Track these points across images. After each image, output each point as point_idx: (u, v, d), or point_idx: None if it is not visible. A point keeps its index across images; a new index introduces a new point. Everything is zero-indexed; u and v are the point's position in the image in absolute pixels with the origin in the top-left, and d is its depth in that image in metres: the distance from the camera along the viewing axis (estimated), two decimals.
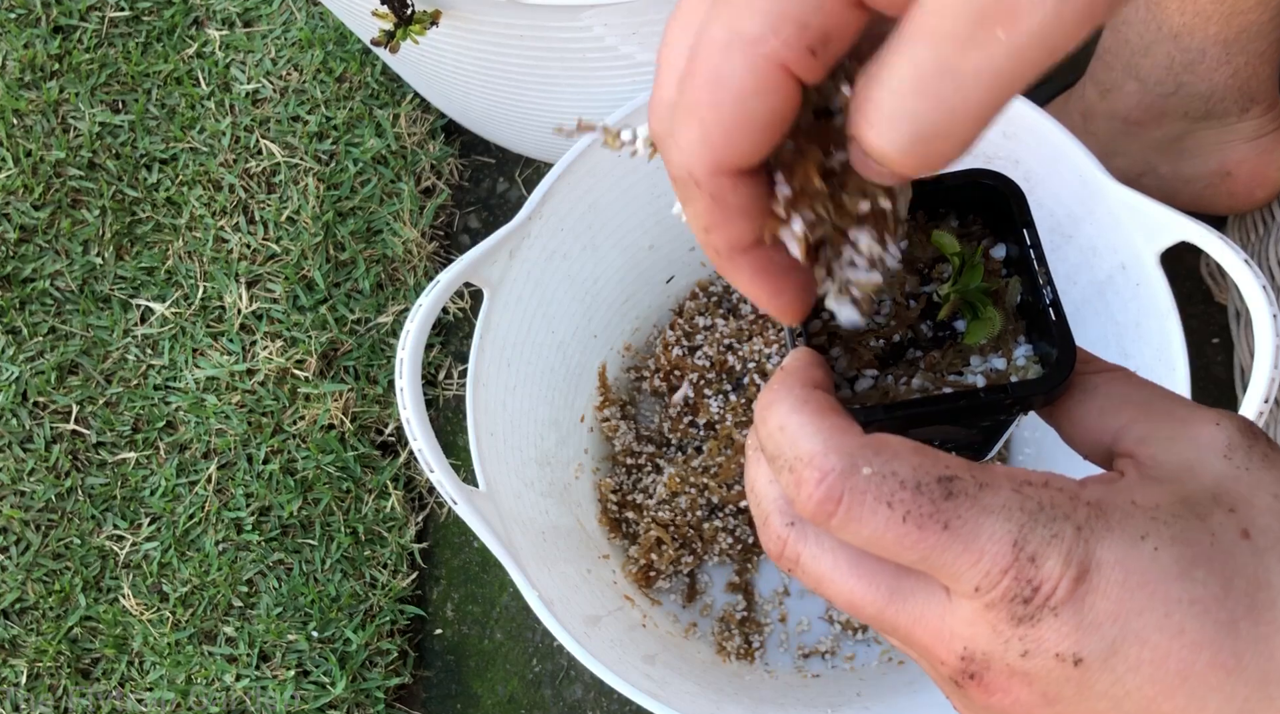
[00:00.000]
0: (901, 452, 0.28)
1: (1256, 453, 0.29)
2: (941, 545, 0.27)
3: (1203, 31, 0.80)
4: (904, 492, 0.27)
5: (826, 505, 0.27)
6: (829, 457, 0.28)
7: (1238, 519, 0.28)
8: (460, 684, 1.00)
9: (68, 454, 1.05)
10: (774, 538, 0.30)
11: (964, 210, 0.36)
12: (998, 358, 0.34)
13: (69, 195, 1.13)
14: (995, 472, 0.28)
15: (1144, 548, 0.27)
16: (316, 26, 1.15)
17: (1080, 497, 0.28)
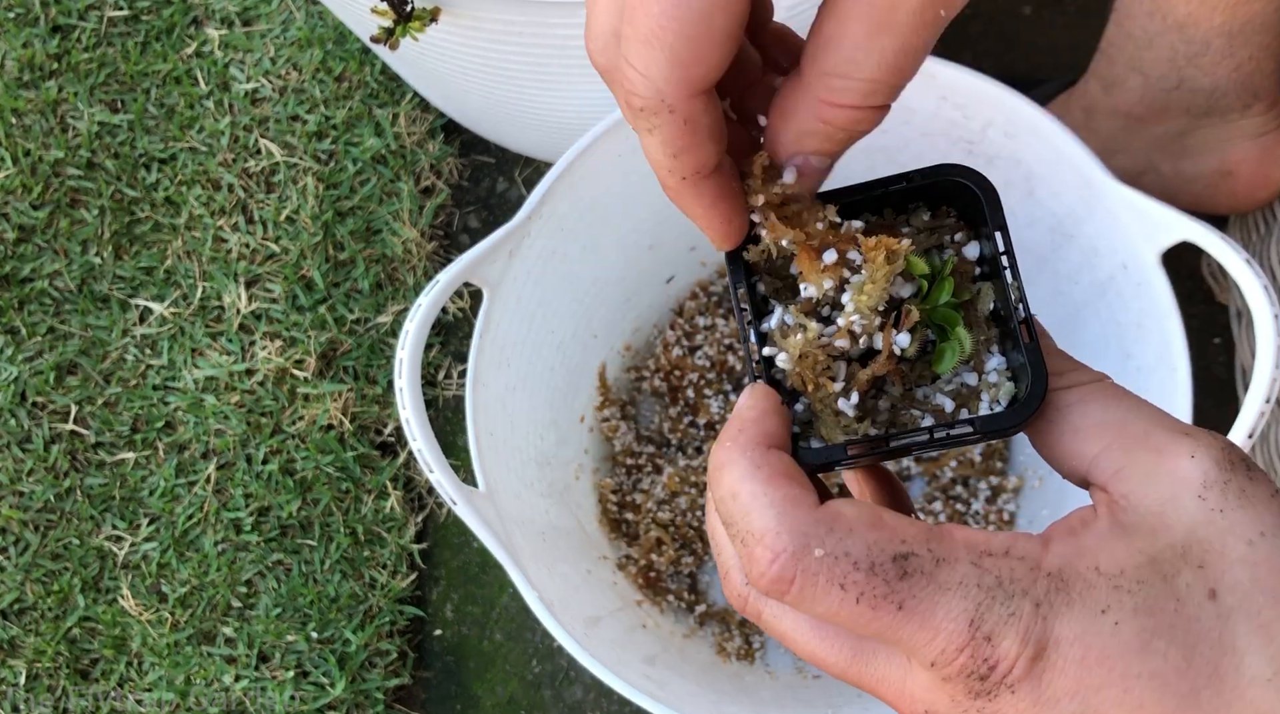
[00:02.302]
0: (856, 528, 0.27)
1: (1232, 490, 0.28)
2: (896, 624, 0.27)
3: (1208, 22, 0.80)
4: (857, 574, 0.27)
5: (779, 585, 0.27)
6: (780, 536, 0.27)
7: (1205, 577, 0.27)
8: (460, 685, 1.00)
9: (66, 454, 1.05)
10: (735, 595, 0.30)
11: (936, 202, 0.34)
12: (968, 372, 0.33)
13: (68, 195, 1.13)
14: (955, 541, 0.27)
15: (1104, 622, 0.26)
16: (315, 26, 1.14)
17: (1041, 566, 0.27)
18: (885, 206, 0.34)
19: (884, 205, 0.34)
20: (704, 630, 0.92)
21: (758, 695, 0.86)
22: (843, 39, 0.28)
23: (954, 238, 0.34)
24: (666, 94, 0.28)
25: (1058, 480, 0.90)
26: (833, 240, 0.32)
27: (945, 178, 0.33)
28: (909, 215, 0.34)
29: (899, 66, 0.28)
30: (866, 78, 0.28)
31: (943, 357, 0.33)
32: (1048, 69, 1.09)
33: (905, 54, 0.28)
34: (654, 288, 0.97)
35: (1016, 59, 1.11)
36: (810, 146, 0.30)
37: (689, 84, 0.28)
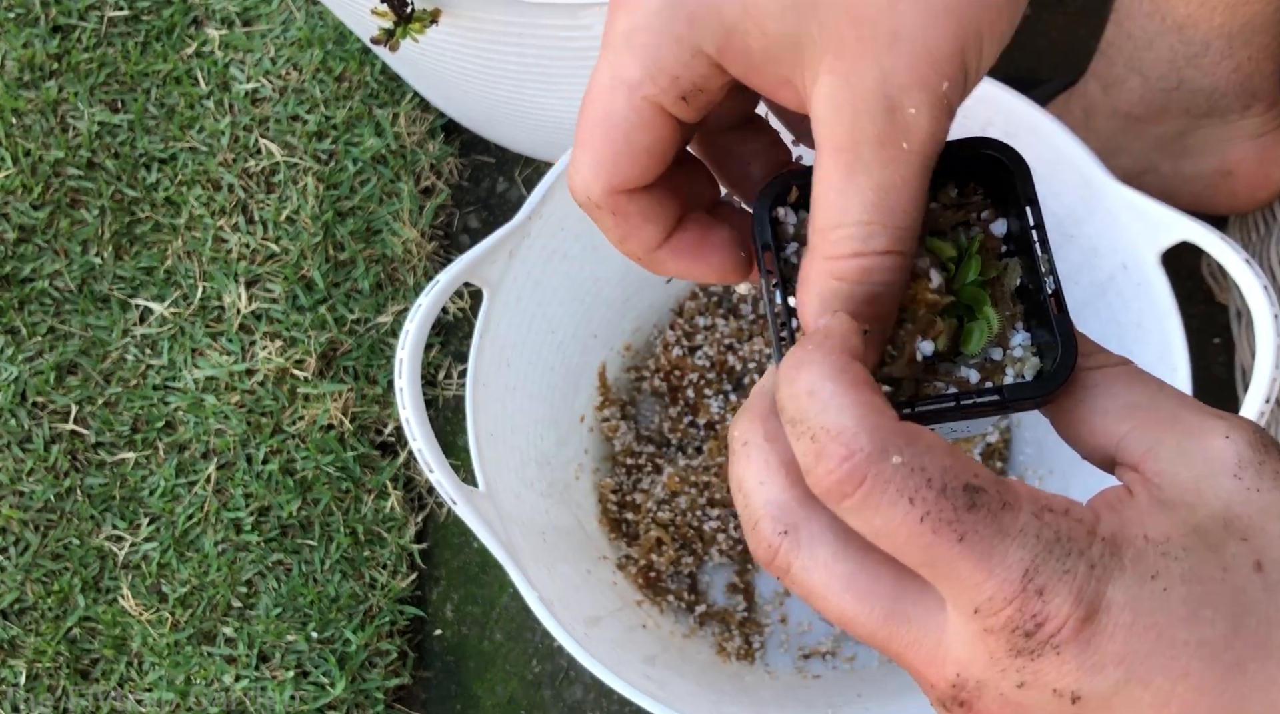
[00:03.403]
0: (935, 448, 0.27)
1: (1268, 471, 0.28)
2: (951, 556, 0.26)
3: (1207, 23, 0.80)
4: (929, 491, 0.26)
5: (846, 485, 0.26)
6: (860, 435, 0.26)
7: (1250, 549, 0.27)
8: (460, 685, 1.00)
9: (66, 454, 1.05)
10: (764, 545, 0.29)
11: (964, 178, 0.34)
12: (993, 347, 0.33)
13: (68, 195, 1.13)
14: (1019, 492, 0.27)
15: (1154, 587, 0.26)
16: (316, 26, 1.14)
17: (1097, 530, 0.27)
18: None
19: None
20: (704, 630, 0.92)
21: (758, 695, 0.86)
22: (827, 190, 0.29)
23: (980, 215, 0.34)
24: (590, 192, 0.32)
25: (1059, 480, 0.90)
26: None
27: (974, 151, 0.33)
28: (937, 191, 0.34)
29: (884, 204, 0.29)
30: (856, 220, 0.29)
31: (970, 336, 0.33)
32: (1048, 69, 1.09)
33: (885, 190, 0.29)
34: (654, 288, 0.97)
35: (1016, 59, 1.11)
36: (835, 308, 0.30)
37: (609, 185, 0.32)
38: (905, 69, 0.28)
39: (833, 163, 0.29)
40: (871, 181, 0.29)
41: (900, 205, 0.29)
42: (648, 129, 0.30)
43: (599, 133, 0.31)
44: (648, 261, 0.34)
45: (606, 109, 0.31)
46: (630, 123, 0.30)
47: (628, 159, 0.31)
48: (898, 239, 0.29)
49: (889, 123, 0.28)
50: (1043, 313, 0.32)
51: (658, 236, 0.33)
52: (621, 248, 0.33)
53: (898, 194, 0.29)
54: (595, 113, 0.31)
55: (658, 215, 0.33)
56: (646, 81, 0.30)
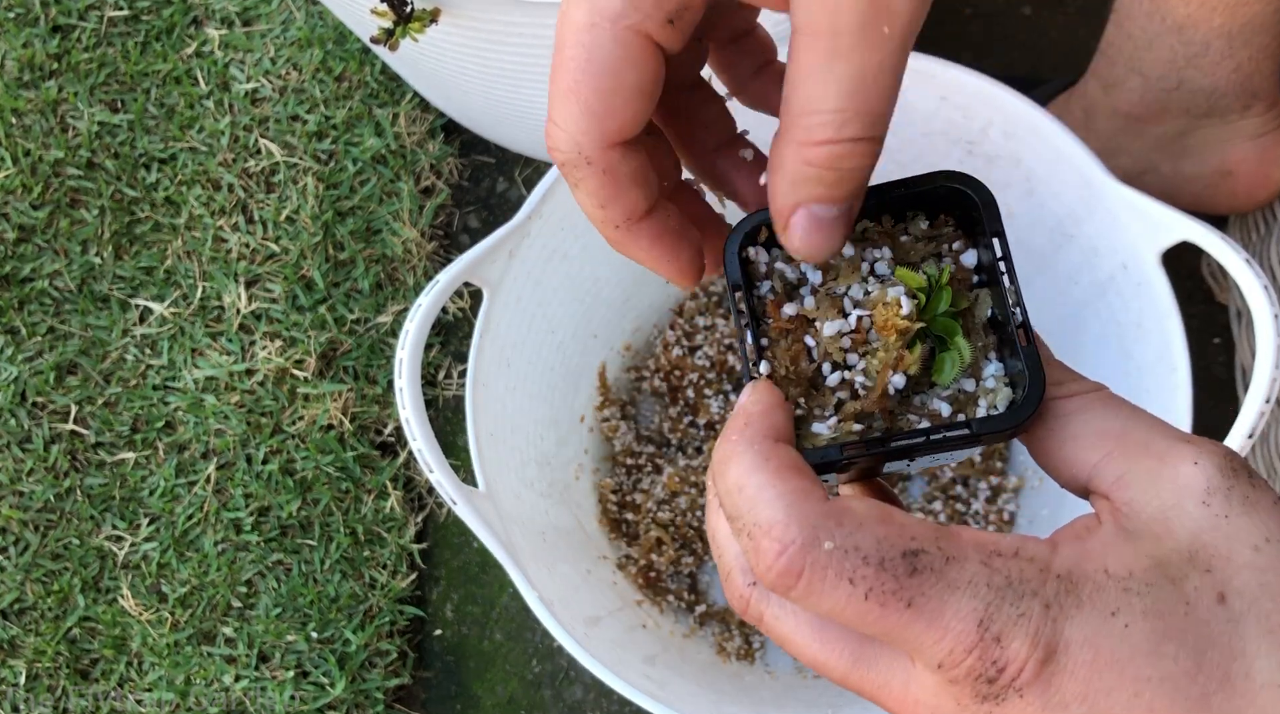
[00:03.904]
0: (866, 522, 0.27)
1: (1236, 496, 0.28)
2: (904, 623, 0.26)
3: (1207, 24, 0.80)
4: (866, 568, 0.26)
5: (786, 579, 0.27)
6: (789, 528, 0.27)
7: (1214, 580, 0.27)
8: (460, 685, 1.00)
9: (66, 454, 1.05)
10: (736, 596, 0.30)
11: (934, 210, 0.34)
12: (966, 379, 0.33)
13: (68, 195, 1.13)
14: (963, 542, 0.27)
15: (1115, 625, 0.26)
16: (315, 26, 1.14)
17: (1051, 568, 0.27)
18: (884, 213, 0.34)
19: (882, 212, 0.34)
20: (704, 630, 0.92)
21: (758, 695, 0.86)
22: (804, 76, 0.28)
23: (952, 246, 0.34)
24: (583, 146, 0.30)
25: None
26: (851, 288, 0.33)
27: (942, 184, 0.33)
28: (907, 223, 0.34)
29: (861, 90, 0.28)
30: (832, 108, 0.28)
31: (943, 367, 0.33)
32: (1048, 69, 1.09)
33: (863, 76, 0.28)
34: (654, 288, 0.97)
35: (1016, 59, 1.11)
36: (806, 193, 0.30)
37: (604, 136, 0.29)
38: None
39: (810, 48, 0.28)
40: (850, 68, 0.28)
41: (876, 91, 0.28)
42: (637, 64, 0.29)
43: (585, 78, 0.29)
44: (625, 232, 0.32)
45: (589, 49, 0.28)
46: (619, 59, 0.28)
47: (620, 101, 0.29)
48: (872, 125, 0.29)
49: (870, 6, 0.27)
50: (1015, 343, 0.32)
51: (644, 203, 0.32)
52: (600, 214, 0.32)
53: (875, 80, 0.28)
54: (577, 55, 0.28)
55: (644, 180, 0.31)
56: (630, 9, 0.28)
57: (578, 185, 0.31)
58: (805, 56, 0.28)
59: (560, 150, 0.30)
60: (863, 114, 0.28)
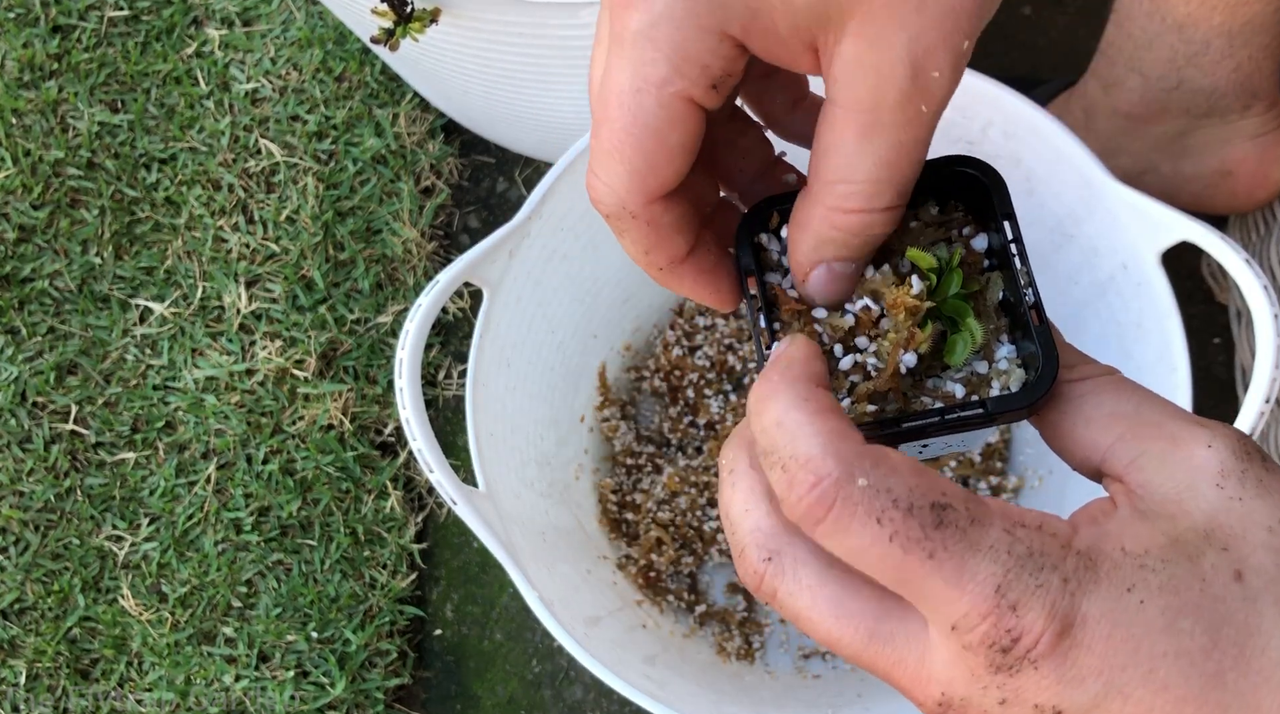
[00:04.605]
0: (900, 468, 0.27)
1: (1250, 478, 0.28)
2: (923, 574, 0.26)
3: (1207, 22, 0.80)
4: (895, 511, 0.27)
5: (816, 510, 0.27)
6: (826, 461, 0.27)
7: (1230, 559, 0.27)
8: (460, 685, 1.00)
9: (66, 454, 1.05)
10: (750, 571, 0.30)
11: (944, 196, 0.35)
12: (978, 361, 0.33)
13: (68, 195, 1.13)
14: (990, 508, 0.27)
15: (1130, 600, 0.26)
16: (316, 26, 1.14)
17: (1071, 545, 0.27)
18: None
19: None
20: (704, 630, 0.92)
21: (758, 695, 0.86)
22: (839, 146, 0.29)
23: (962, 231, 0.34)
24: (627, 202, 0.31)
25: (1058, 480, 0.90)
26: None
27: (952, 169, 0.34)
28: (917, 209, 0.35)
29: (895, 163, 0.29)
30: (866, 179, 0.29)
31: (954, 348, 0.33)
32: (1048, 69, 1.09)
33: (899, 151, 0.29)
34: (654, 288, 0.97)
35: (1016, 59, 1.11)
36: (829, 254, 0.32)
37: (647, 193, 0.31)
38: (933, 29, 0.28)
39: (847, 120, 0.29)
40: (886, 143, 0.29)
41: (909, 164, 0.30)
42: (680, 126, 0.30)
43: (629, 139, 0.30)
44: (668, 273, 0.34)
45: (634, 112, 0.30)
46: (663, 122, 0.30)
47: (664, 161, 0.30)
48: (901, 195, 0.30)
49: (912, 86, 0.28)
50: (1027, 326, 0.32)
51: (685, 247, 0.33)
52: (645, 259, 0.33)
53: (909, 154, 0.29)
54: (621, 117, 0.30)
55: (687, 225, 0.33)
56: (675, 76, 0.29)
57: (623, 235, 0.33)
58: (842, 128, 0.29)
59: (604, 203, 0.31)
60: (895, 185, 0.30)
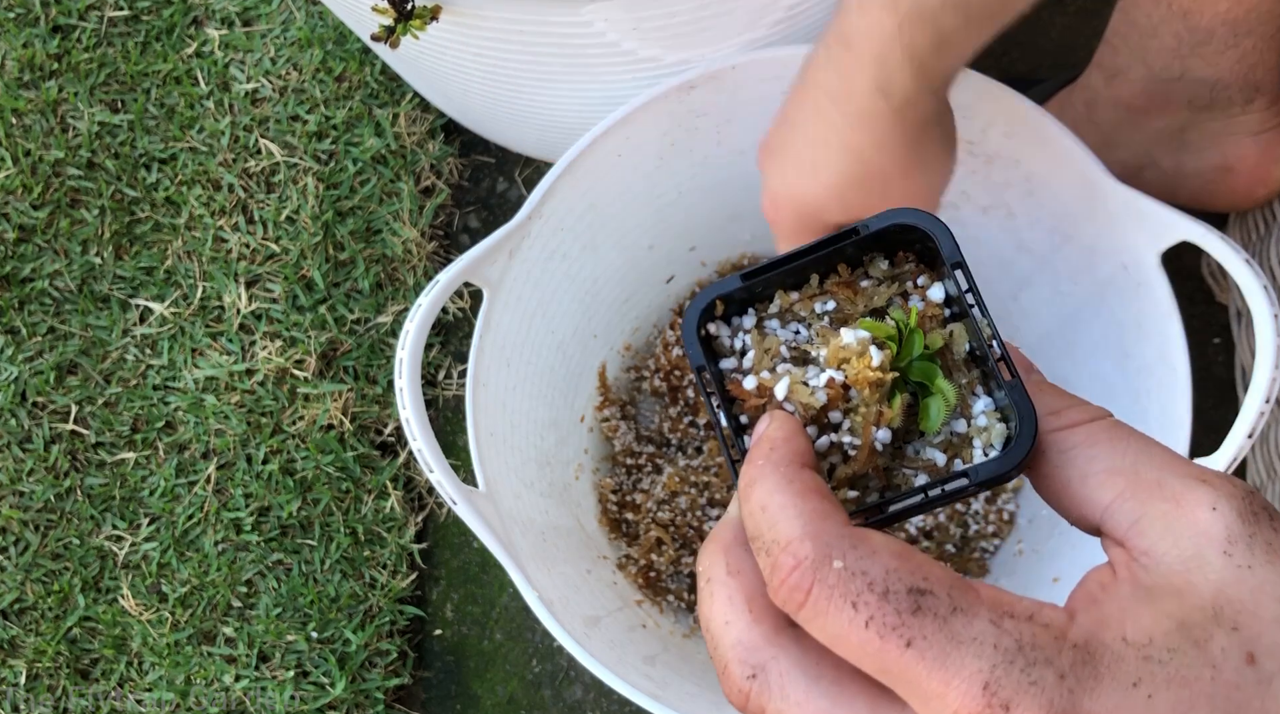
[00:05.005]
0: (880, 551, 0.26)
1: (1259, 544, 0.27)
2: (903, 663, 0.25)
3: (1212, 9, 0.80)
4: (870, 595, 0.26)
5: (795, 595, 0.26)
6: (804, 544, 0.26)
7: (1241, 640, 0.25)
8: (460, 685, 1.00)
9: (66, 454, 1.05)
10: (735, 690, 0.29)
11: (892, 248, 0.33)
12: (957, 420, 0.32)
13: (68, 195, 1.13)
14: (977, 596, 0.26)
15: (1137, 696, 0.25)
16: (316, 26, 1.14)
17: (1067, 637, 0.26)
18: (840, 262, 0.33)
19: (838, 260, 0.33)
20: None
21: None
22: None
23: (917, 282, 0.33)
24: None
25: None
26: None
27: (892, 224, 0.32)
28: (866, 266, 0.34)
29: None
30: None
31: (928, 413, 0.32)
32: (1048, 69, 1.09)
33: None
34: (654, 288, 0.97)
35: (1016, 59, 1.11)
36: None
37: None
38: None
39: None
40: None
41: None
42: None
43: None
44: None
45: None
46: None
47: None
48: None
49: None
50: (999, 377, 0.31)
51: None
52: None
53: None
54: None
55: None
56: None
57: None
58: None
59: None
60: None
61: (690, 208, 0.91)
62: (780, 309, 0.34)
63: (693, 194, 0.90)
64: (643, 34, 0.77)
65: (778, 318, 0.34)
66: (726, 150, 0.87)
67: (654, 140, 0.83)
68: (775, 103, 0.84)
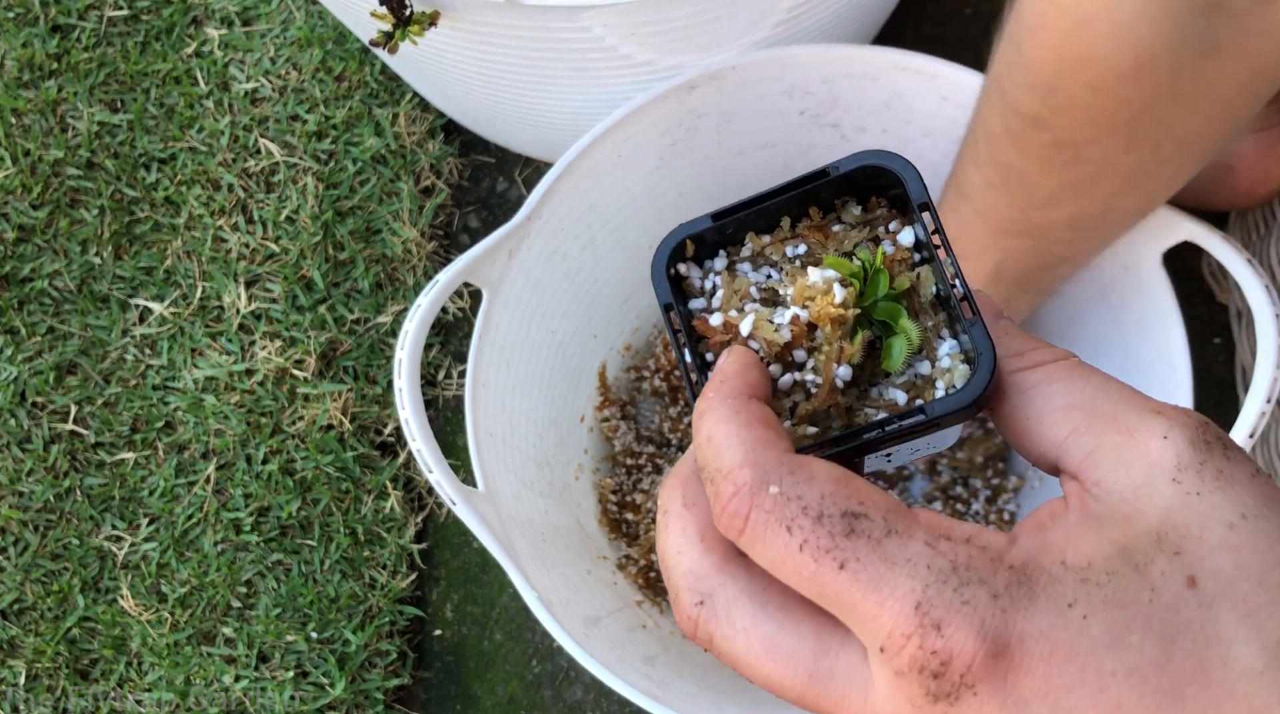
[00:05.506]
0: (816, 477, 0.26)
1: (1209, 470, 0.26)
2: (838, 586, 0.25)
3: None
4: (804, 519, 0.26)
5: (735, 521, 0.26)
6: (743, 470, 0.27)
7: (1183, 564, 0.25)
8: (460, 685, 1.00)
9: (66, 454, 1.05)
10: (685, 617, 0.29)
11: (865, 194, 0.33)
12: (921, 361, 0.32)
13: (67, 195, 1.13)
14: (915, 520, 0.26)
15: (1072, 616, 0.25)
16: (315, 25, 1.14)
17: (1004, 559, 0.25)
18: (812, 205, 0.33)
19: (810, 204, 0.33)
20: None
21: (758, 695, 0.86)
22: None
23: (889, 227, 0.33)
24: None
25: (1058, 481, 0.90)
26: None
27: (862, 166, 0.32)
28: (839, 212, 0.34)
29: None
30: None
31: (890, 352, 0.32)
32: None
33: None
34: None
35: None
36: None
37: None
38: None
39: None
40: None
41: None
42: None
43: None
44: None
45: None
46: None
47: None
48: None
49: None
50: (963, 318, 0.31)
51: None
52: None
53: None
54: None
55: None
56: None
57: None
58: None
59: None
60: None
61: (690, 208, 0.91)
62: (752, 252, 0.34)
63: (693, 194, 0.90)
64: (641, 39, 0.77)
65: (749, 261, 0.34)
66: (726, 150, 0.87)
67: (654, 140, 0.83)
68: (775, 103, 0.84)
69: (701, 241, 0.33)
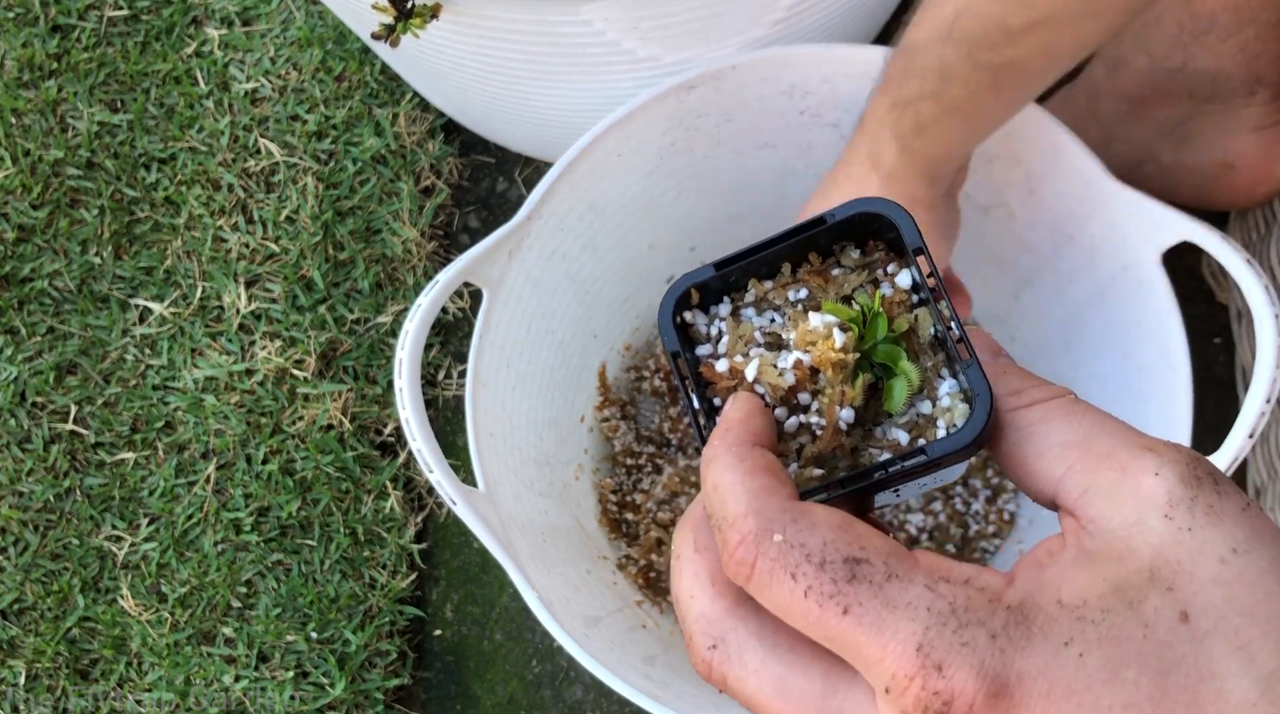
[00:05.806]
0: (818, 524, 0.27)
1: (1200, 506, 0.27)
2: (842, 630, 0.26)
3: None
4: (808, 565, 0.27)
5: (742, 569, 0.27)
6: (748, 519, 0.28)
7: (1175, 600, 0.26)
8: (460, 685, 1.00)
9: (66, 454, 1.05)
10: (699, 660, 0.30)
11: (863, 238, 0.34)
12: (922, 401, 0.33)
13: (67, 195, 1.13)
14: (915, 563, 0.27)
15: (1068, 654, 0.25)
16: (315, 25, 1.14)
17: (1002, 599, 0.26)
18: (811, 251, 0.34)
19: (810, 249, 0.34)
20: None
21: None
22: None
23: (886, 270, 0.34)
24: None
25: None
26: None
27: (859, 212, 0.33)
28: (838, 255, 0.34)
29: None
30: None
31: (892, 393, 0.32)
32: None
33: None
34: (654, 288, 0.97)
35: None
36: None
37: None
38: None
39: None
40: None
41: None
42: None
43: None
44: None
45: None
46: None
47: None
48: None
49: None
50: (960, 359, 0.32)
51: None
52: None
53: None
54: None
55: None
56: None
57: None
58: None
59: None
60: None
61: (690, 208, 0.91)
62: (756, 298, 0.35)
63: (693, 194, 0.90)
64: (642, 33, 0.77)
65: (753, 306, 0.35)
66: (726, 150, 0.87)
67: (654, 140, 0.83)
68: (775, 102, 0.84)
69: (705, 289, 0.34)
